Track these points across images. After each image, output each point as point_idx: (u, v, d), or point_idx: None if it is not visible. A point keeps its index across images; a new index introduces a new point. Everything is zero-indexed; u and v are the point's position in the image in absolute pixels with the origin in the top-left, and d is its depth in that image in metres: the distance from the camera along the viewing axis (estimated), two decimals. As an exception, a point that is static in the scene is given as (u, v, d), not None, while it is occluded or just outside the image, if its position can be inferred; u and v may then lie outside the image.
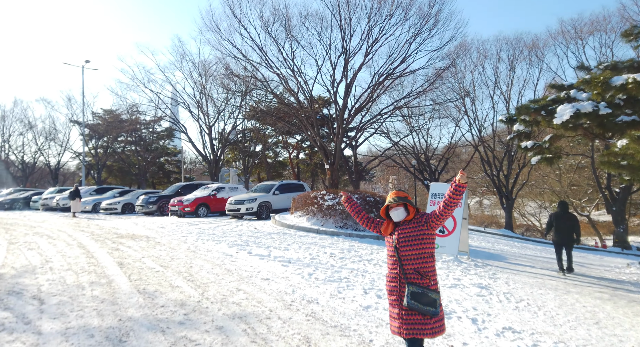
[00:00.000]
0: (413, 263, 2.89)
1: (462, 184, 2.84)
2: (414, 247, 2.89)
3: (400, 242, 2.92)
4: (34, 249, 8.11)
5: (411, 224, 2.95)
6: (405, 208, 3.00)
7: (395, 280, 2.95)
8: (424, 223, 2.94)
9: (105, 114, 40.16)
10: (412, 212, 3.01)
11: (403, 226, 2.97)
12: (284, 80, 17.80)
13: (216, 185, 19.18)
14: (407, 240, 2.91)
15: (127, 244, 9.07)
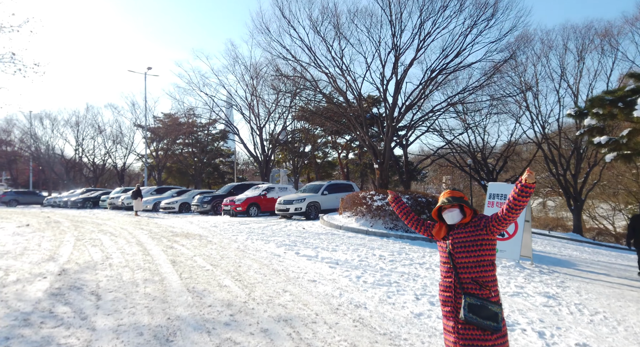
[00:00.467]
0: (470, 272, 2.57)
1: (530, 184, 2.45)
2: (471, 254, 2.57)
3: (456, 248, 2.61)
4: (97, 245, 8.61)
5: (468, 228, 2.63)
6: (461, 210, 2.69)
7: (449, 289, 2.64)
8: (482, 227, 2.60)
9: (165, 117, 42.50)
10: (468, 214, 2.69)
11: (458, 230, 2.66)
12: (332, 79, 17.66)
13: (266, 185, 19.48)
14: (463, 246, 2.59)
15: (181, 242, 9.38)
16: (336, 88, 17.67)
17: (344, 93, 17.84)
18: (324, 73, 17.37)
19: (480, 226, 2.61)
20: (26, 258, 6.91)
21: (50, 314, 4.11)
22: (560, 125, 25.00)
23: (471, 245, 2.58)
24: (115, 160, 47.97)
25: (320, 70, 17.52)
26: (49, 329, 3.73)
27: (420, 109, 21.48)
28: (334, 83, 17.54)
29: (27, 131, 49.85)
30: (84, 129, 48.91)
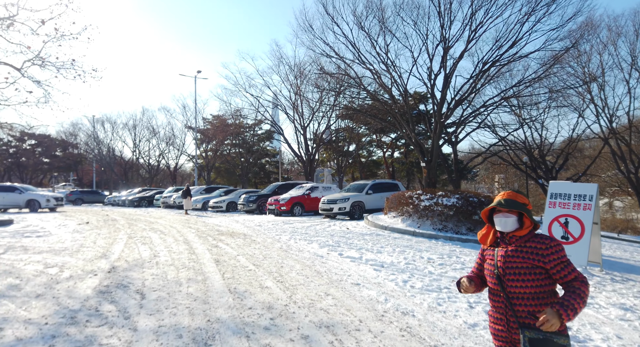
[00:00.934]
0: (527, 304, 2.09)
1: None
2: (527, 283, 2.08)
3: (507, 272, 2.13)
4: (147, 243, 8.87)
5: (524, 250, 2.13)
6: (519, 218, 2.21)
7: (501, 322, 2.18)
8: (541, 256, 2.08)
9: (213, 119, 43.94)
10: (526, 226, 2.18)
11: (513, 247, 2.18)
12: (377, 75, 17.18)
13: (310, 184, 19.42)
14: (518, 274, 2.10)
15: (225, 241, 9.46)
16: (381, 84, 17.18)
17: (389, 89, 17.31)
18: (369, 69, 16.95)
19: (540, 253, 2.09)
20: (81, 255, 7.22)
21: (96, 313, 4.17)
22: (630, 119, 22.76)
23: (527, 273, 2.09)
24: (168, 161, 50.37)
25: (365, 66, 17.12)
26: (93, 328, 3.76)
27: (471, 104, 20.41)
28: (378, 79, 17.06)
29: (91, 134, 53.61)
30: (140, 132, 51.83)
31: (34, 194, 21.76)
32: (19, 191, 21.61)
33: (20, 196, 21.36)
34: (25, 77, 11.96)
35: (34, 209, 21.42)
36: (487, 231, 2.36)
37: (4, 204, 21.31)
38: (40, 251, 7.50)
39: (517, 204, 2.18)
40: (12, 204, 21.36)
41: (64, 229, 11.71)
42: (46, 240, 9.13)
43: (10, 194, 21.32)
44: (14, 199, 21.25)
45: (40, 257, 6.87)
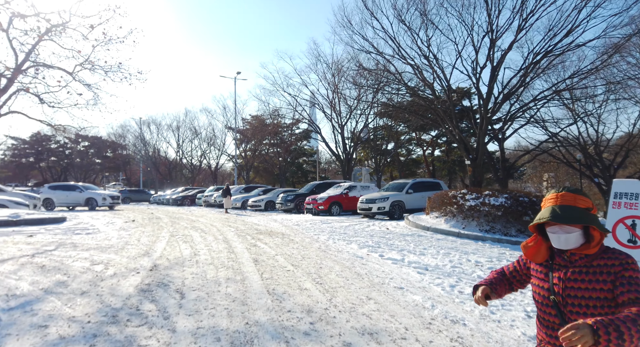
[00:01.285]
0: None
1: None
2: (598, 317, 1.46)
3: (569, 301, 1.62)
4: (188, 242, 8.99)
5: (592, 269, 1.61)
6: (584, 230, 1.63)
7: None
8: (611, 269, 1.57)
9: (252, 119, 44.69)
10: (596, 240, 1.61)
11: (576, 267, 1.64)
12: (418, 70, 16.54)
13: (348, 183, 19.16)
14: (583, 302, 1.59)
15: (264, 240, 9.41)
16: (422, 80, 16.56)
17: (430, 84, 16.66)
18: (409, 65, 16.38)
19: (612, 272, 1.57)
20: (125, 253, 7.40)
21: (137, 312, 4.16)
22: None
23: (598, 304, 1.57)
24: (210, 161, 51.84)
25: (405, 61, 16.55)
26: (133, 327, 3.73)
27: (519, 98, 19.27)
28: (420, 75, 16.44)
29: (138, 136, 56.19)
30: (183, 133, 53.72)
31: (93, 193, 22.73)
32: (80, 190, 22.72)
33: (81, 194, 22.45)
34: (76, 80, 12.58)
35: (92, 207, 22.44)
36: (535, 242, 1.77)
37: (67, 202, 22.55)
38: (88, 248, 7.76)
39: (579, 213, 1.60)
40: (74, 202, 22.51)
41: (111, 226, 12.18)
42: (94, 237, 9.48)
43: (73, 192, 22.51)
44: (76, 198, 22.42)
45: (87, 254, 7.10)
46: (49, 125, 13.38)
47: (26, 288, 4.86)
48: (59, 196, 22.41)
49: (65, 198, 22.40)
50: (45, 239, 8.89)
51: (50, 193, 22.60)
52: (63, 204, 22.62)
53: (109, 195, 23.40)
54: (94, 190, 23.89)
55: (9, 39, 11.48)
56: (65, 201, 22.43)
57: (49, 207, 21.94)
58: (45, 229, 10.74)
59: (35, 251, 7.29)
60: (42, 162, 54.80)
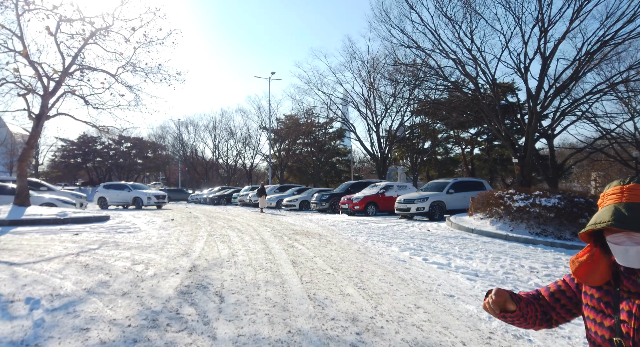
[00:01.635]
0: None
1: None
2: None
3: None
4: (225, 242, 8.95)
5: None
6: None
7: None
8: None
9: (286, 119, 44.92)
10: None
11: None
12: (460, 64, 15.75)
13: (384, 183, 18.70)
14: None
15: (301, 241, 9.23)
16: (465, 74, 15.78)
17: (474, 79, 15.85)
18: (451, 59, 15.65)
19: None
20: (165, 252, 7.41)
21: (177, 316, 4.04)
22: None
23: None
24: (245, 160, 52.65)
25: (445, 55, 15.85)
26: (173, 333, 3.60)
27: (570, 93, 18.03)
28: (462, 69, 15.67)
29: (176, 137, 57.99)
30: (219, 133, 54.92)
31: (139, 192, 23.00)
32: (128, 189, 23.17)
33: (129, 193, 22.91)
34: (119, 82, 12.93)
35: (138, 206, 22.84)
36: (592, 259, 1.23)
37: (117, 201, 23.10)
38: (129, 247, 7.85)
39: None
40: (123, 201, 23.03)
41: (151, 225, 12.42)
42: (135, 236, 9.65)
43: (122, 192, 23.05)
44: (124, 197, 22.94)
45: (129, 254, 7.16)
46: (94, 127, 13.88)
47: (70, 288, 4.89)
48: (111, 194, 23.02)
49: (116, 197, 22.94)
50: (89, 238, 9.12)
51: (104, 192, 23.23)
52: (114, 203, 23.13)
53: (154, 194, 23.42)
54: (142, 189, 23.98)
55: (57, 43, 11.98)
56: (116, 200, 22.98)
57: (103, 206, 22.70)
58: (90, 228, 11.07)
59: (79, 250, 7.45)
60: (88, 163, 57.69)
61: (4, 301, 4.35)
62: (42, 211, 12.35)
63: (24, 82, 12.03)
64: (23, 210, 12.15)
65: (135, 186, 24.36)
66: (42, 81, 12.51)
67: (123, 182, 25.02)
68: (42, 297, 4.49)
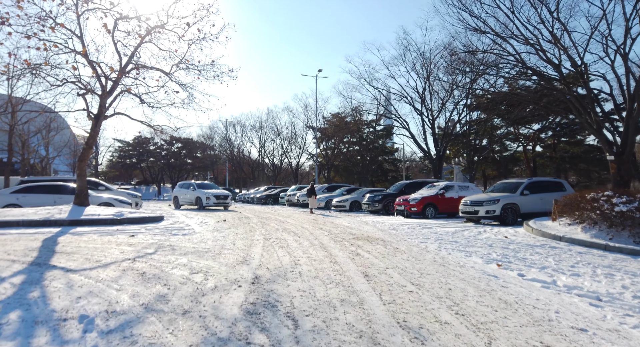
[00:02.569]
0: None
1: None
2: None
3: None
4: (284, 247, 8.29)
5: None
6: None
7: None
8: None
9: (332, 117, 44.26)
10: None
11: None
12: (540, 50, 13.70)
13: (443, 183, 17.41)
14: None
15: (365, 247, 8.39)
16: (547, 61, 14.00)
17: (557, 65, 14.05)
18: (529, 44, 13.89)
19: None
20: (223, 259, 6.86)
21: (247, 346, 3.34)
22: None
23: None
24: (291, 159, 52.64)
25: (523, 40, 13.97)
26: (247, 374, 2.90)
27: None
28: (543, 55, 13.89)
29: (224, 136, 59.20)
30: (265, 133, 55.33)
31: (200, 192, 21.75)
32: (192, 188, 22.29)
33: (193, 192, 22.06)
34: (173, 80, 12.76)
35: (200, 206, 21.90)
36: None
37: (185, 200, 22.38)
38: (185, 252, 7.39)
39: None
40: (188, 201, 22.25)
41: (205, 226, 12.10)
42: (190, 239, 9.25)
43: (188, 190, 22.32)
44: (189, 197, 22.17)
45: (185, 260, 6.67)
46: (149, 126, 13.86)
47: (126, 303, 4.37)
48: (181, 194, 22.39)
49: (183, 196, 22.37)
50: (145, 240, 8.83)
51: (177, 191, 22.52)
52: (184, 202, 22.33)
53: (212, 194, 21.57)
54: (205, 189, 22.34)
55: (114, 42, 11.98)
56: (183, 200, 22.39)
57: (177, 206, 22.58)
58: (145, 229, 10.89)
59: (136, 254, 7.08)
60: (142, 163, 60.31)
61: (56, 318, 3.87)
62: (99, 211, 12.42)
63: (83, 82, 12.15)
64: (82, 210, 12.27)
65: (202, 185, 22.82)
66: (100, 81, 12.59)
67: (190, 181, 23.72)
68: (97, 314, 3.98)
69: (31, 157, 31.52)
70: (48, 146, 39.02)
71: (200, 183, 23.25)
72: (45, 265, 6.09)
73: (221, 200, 21.74)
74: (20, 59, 10.38)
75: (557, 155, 27.08)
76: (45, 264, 6.19)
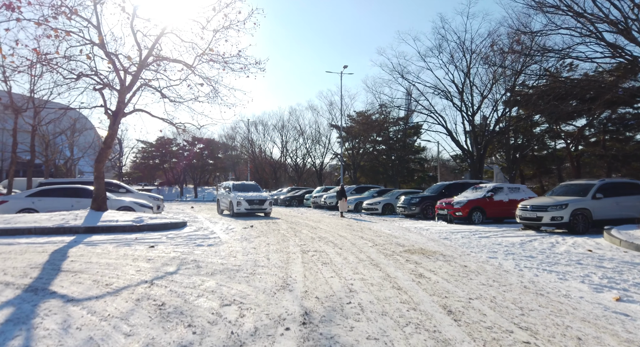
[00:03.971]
0: None
1: None
2: None
3: None
4: (327, 263, 6.96)
5: None
6: None
7: None
8: None
9: (357, 115, 42.76)
10: None
11: None
12: (625, 29, 11.53)
13: (491, 184, 15.72)
14: None
15: (424, 265, 6.95)
16: (631, 40, 12.06)
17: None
18: (606, 21, 11.99)
19: None
20: (258, 281, 5.56)
21: None
22: None
23: None
24: (314, 159, 51.39)
25: (603, 17, 11.92)
26: None
27: None
28: (626, 33, 11.91)
29: (246, 136, 58.52)
30: (287, 132, 54.27)
31: (235, 195, 18.76)
32: (228, 189, 19.87)
33: (228, 195, 19.31)
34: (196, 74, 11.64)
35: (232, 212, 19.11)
36: None
37: (224, 205, 19.82)
38: (213, 271, 6.14)
39: None
40: (226, 206, 19.86)
41: (231, 234, 10.91)
42: (217, 251, 8.03)
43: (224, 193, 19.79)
44: (225, 201, 19.60)
45: (214, 283, 5.41)
46: (171, 124, 12.80)
47: (135, 362, 3.11)
48: (222, 197, 19.98)
49: (223, 200, 19.70)
50: (166, 253, 7.65)
51: (219, 194, 20.17)
52: (224, 208, 19.68)
53: (245, 198, 17.89)
54: (246, 191, 18.98)
55: (133, 32, 10.93)
56: (224, 204, 19.72)
57: (220, 212, 20.22)
58: (167, 237, 9.76)
59: (154, 274, 5.87)
60: (165, 164, 60.26)
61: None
62: (118, 216, 11.39)
63: (100, 76, 11.16)
64: (99, 215, 11.27)
65: (239, 187, 18.95)
66: (118, 74, 11.58)
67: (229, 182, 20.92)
68: (91, 388, 2.73)
69: (55, 158, 31.28)
70: (72, 147, 38.98)
71: (239, 184, 19.13)
72: (44, 291, 4.94)
73: (255, 206, 17.07)
74: (29, 47, 9.40)
75: (607, 153, 24.81)
76: (43, 289, 5.03)
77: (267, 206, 17.82)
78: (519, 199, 15.11)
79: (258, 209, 17.46)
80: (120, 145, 56.52)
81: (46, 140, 27.38)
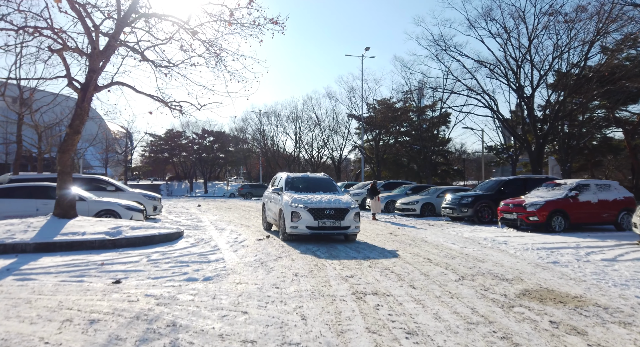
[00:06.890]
0: None
1: None
2: None
3: None
4: (413, 333, 3.74)
5: None
6: None
7: None
8: None
9: (379, 104, 39.35)
10: None
11: None
12: None
13: (575, 181, 12.32)
14: None
15: (591, 335, 3.71)
16: None
17: None
18: None
19: None
20: None
21: None
22: None
23: None
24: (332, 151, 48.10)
25: None
26: None
27: None
28: None
29: (257, 128, 55.48)
30: (302, 123, 51.02)
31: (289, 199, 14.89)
32: (277, 190, 17.25)
33: (279, 199, 16.56)
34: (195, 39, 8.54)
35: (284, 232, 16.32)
36: None
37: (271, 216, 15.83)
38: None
39: None
40: (273, 217, 16.36)
41: (241, 252, 7.83)
42: (217, 294, 4.91)
43: (274, 195, 16.88)
44: (274, 208, 16.22)
45: None
46: (161, 102, 9.77)
47: None
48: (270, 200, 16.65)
49: (271, 206, 15.08)
50: (130, 302, 4.54)
51: (266, 196, 16.86)
52: (271, 220, 15.64)
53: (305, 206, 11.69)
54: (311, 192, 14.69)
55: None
56: (270, 214, 15.08)
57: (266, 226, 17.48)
58: (148, 260, 6.72)
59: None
60: (174, 158, 57.66)
61: None
62: (87, 226, 8.40)
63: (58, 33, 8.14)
64: (62, 224, 8.29)
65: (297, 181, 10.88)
66: (88, 33, 8.55)
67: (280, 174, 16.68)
68: None
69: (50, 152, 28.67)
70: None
71: (299, 177, 11.05)
72: None
73: (328, 221, 8.81)
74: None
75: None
76: None
77: (352, 221, 8.96)
78: (610, 199, 11.75)
79: (333, 226, 8.87)
80: (130, 139, 54.00)
81: (39, 131, 24.73)
